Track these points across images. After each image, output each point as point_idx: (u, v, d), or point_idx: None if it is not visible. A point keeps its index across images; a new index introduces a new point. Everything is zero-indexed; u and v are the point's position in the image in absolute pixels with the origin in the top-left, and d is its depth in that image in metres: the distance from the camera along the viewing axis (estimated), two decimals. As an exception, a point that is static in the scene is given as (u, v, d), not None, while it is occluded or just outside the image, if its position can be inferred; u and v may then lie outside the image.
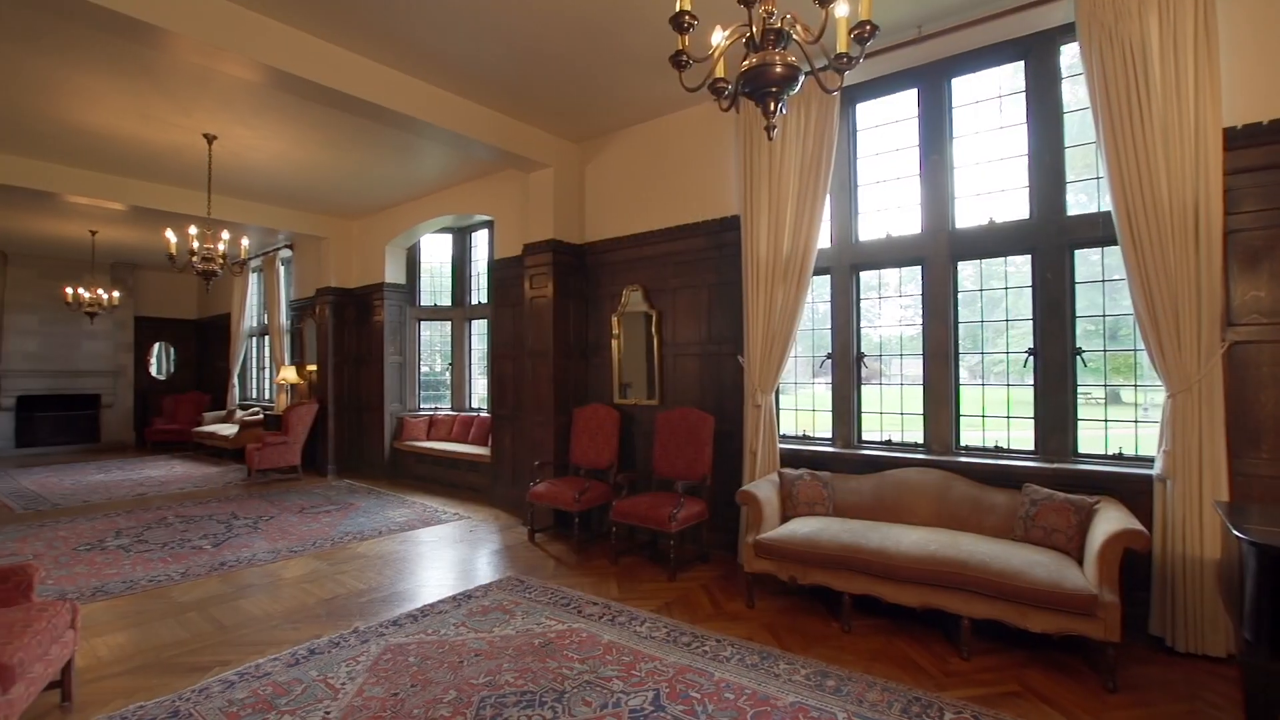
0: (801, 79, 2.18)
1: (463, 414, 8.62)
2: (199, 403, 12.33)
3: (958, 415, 4.41)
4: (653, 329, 5.69)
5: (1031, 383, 4.14)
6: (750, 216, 4.84)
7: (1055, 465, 3.88)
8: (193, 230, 5.96)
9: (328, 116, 5.61)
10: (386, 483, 8.45)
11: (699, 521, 4.84)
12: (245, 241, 6.47)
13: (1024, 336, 4.23)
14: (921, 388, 4.51)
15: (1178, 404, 3.35)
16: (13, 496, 7.61)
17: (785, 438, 5.10)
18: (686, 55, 2.25)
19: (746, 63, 2.14)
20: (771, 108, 2.15)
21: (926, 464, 4.26)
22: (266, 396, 11.81)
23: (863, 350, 4.84)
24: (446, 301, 9.13)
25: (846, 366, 4.83)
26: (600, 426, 5.84)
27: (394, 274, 8.86)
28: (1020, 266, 4.29)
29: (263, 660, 3.32)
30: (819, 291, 5.08)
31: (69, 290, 9.57)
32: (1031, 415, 4.13)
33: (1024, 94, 4.18)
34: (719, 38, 2.30)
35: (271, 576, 4.71)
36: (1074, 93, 4.07)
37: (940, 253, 4.42)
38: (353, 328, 9.21)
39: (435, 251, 9.32)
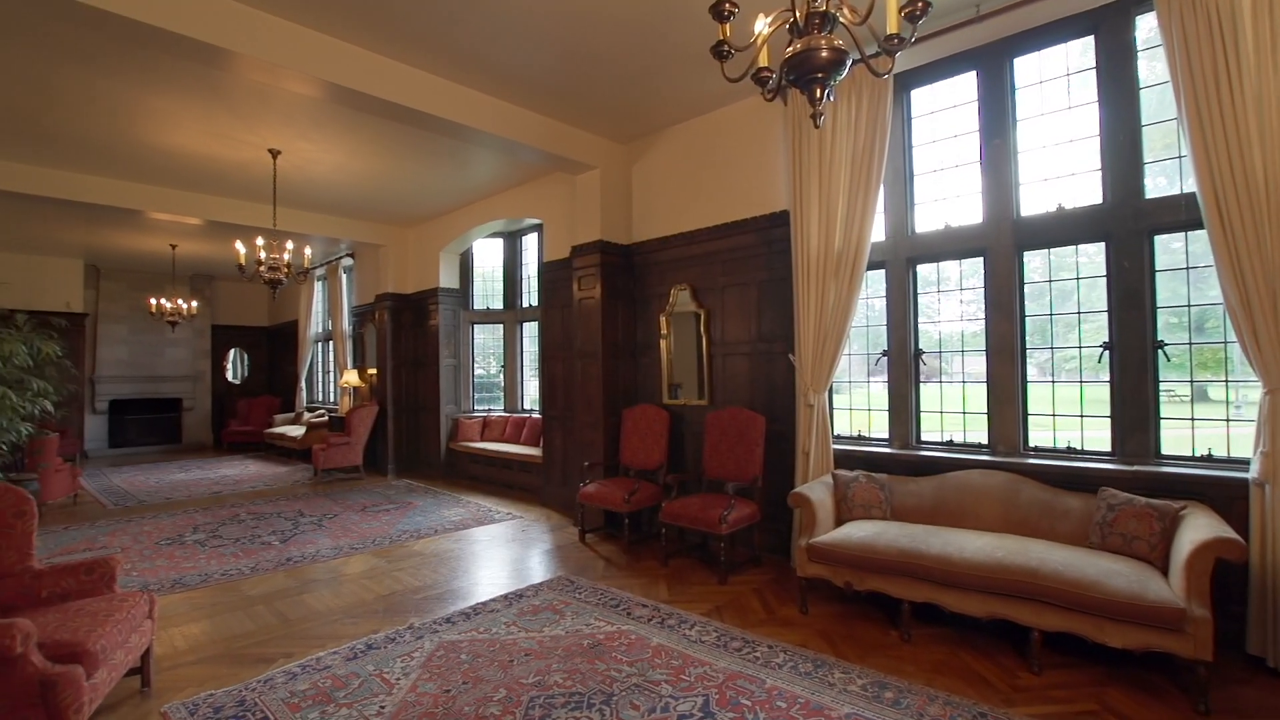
0: (849, 63, 2.09)
1: (515, 415, 8.76)
2: (270, 406, 12.97)
3: (1025, 414, 4.17)
4: (701, 328, 5.62)
5: (1107, 379, 3.87)
6: (800, 211, 4.72)
7: (1135, 467, 3.61)
8: (259, 241, 6.26)
9: (383, 128, 5.79)
10: (443, 482, 8.66)
11: (750, 524, 4.74)
12: (308, 250, 6.74)
13: (1098, 330, 3.96)
14: (985, 385, 4.29)
15: (1277, 401, 3.06)
16: (105, 493, 8.18)
17: (839, 438, 4.94)
18: (728, 45, 2.19)
19: (791, 49, 2.07)
20: (818, 94, 2.07)
21: (991, 466, 4.04)
22: (331, 399, 12.32)
23: (921, 347, 4.64)
24: (499, 305, 9.30)
25: (903, 364, 4.64)
26: (649, 427, 5.81)
27: (448, 279, 9.08)
28: (1093, 255, 4.02)
29: (323, 654, 3.43)
30: (873, 287, 4.91)
31: (153, 301, 10.23)
32: (1108, 414, 3.86)
33: (1094, 71, 3.92)
34: (762, 25, 2.23)
35: (334, 572, 4.89)
36: (1150, 67, 3.79)
37: (1004, 243, 4.19)
38: (410, 332, 9.50)
39: (487, 256, 9.51)
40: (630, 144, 6.35)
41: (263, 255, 6.42)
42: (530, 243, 8.92)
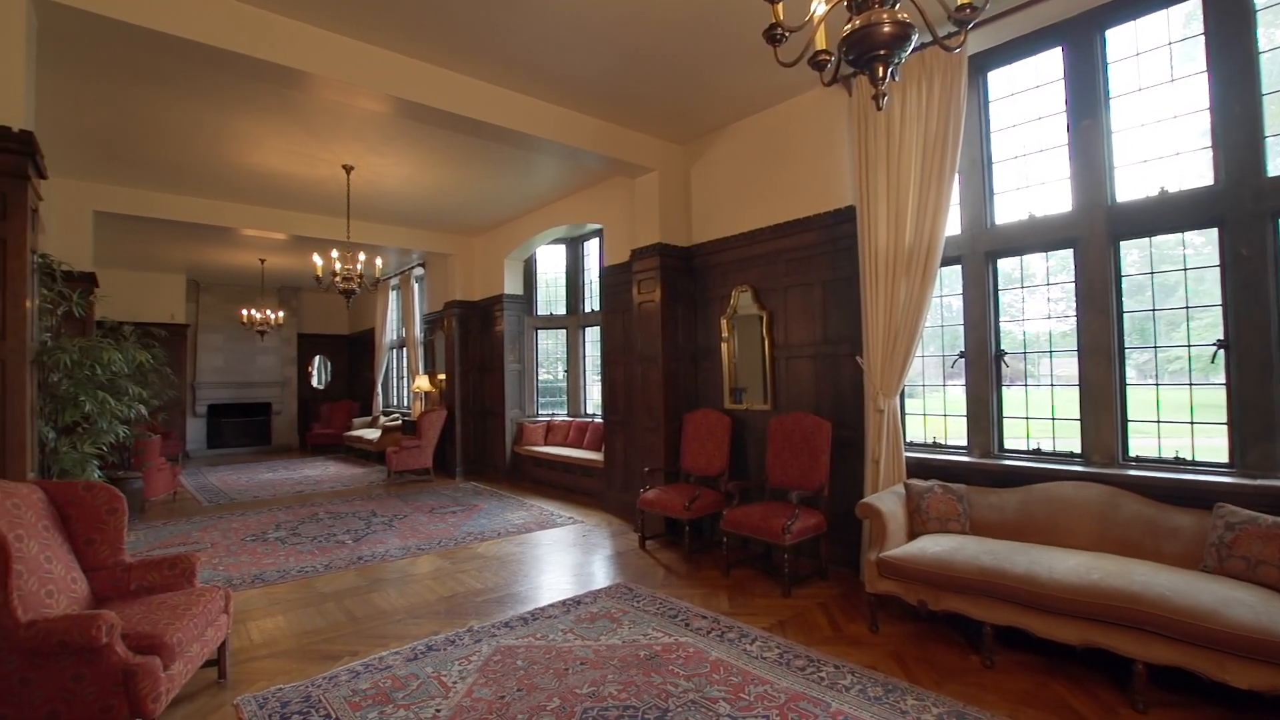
0: (914, 39, 1.92)
1: (578, 420, 8.80)
2: (349, 410, 13.62)
3: (1124, 420, 3.78)
4: (764, 330, 5.44)
5: (1222, 381, 3.45)
6: (867, 206, 4.48)
7: (1259, 481, 3.19)
8: (334, 253, 6.54)
9: (448, 140, 5.94)
10: (507, 485, 8.80)
11: (815, 535, 4.53)
12: (379, 261, 7.03)
13: (1210, 327, 3.54)
14: (1077, 389, 3.92)
15: None
16: (201, 491, 8.78)
17: (912, 445, 4.66)
18: (782, 28, 2.07)
19: (849, 25, 1.92)
20: (880, 74, 1.91)
21: (1085, 477, 3.68)
22: (405, 404, 12.80)
23: (1003, 348, 4.31)
24: (562, 310, 9.40)
25: (983, 366, 4.32)
26: (711, 432, 5.68)
27: (512, 285, 9.25)
28: (1200, 246, 3.61)
29: (385, 653, 3.50)
30: (948, 283, 4.60)
31: (244, 312, 10.94)
32: (1224, 420, 3.44)
33: (1202, 37, 3.51)
34: (818, 5, 2.09)
35: (400, 572, 5.01)
36: (1268, 34, 3.36)
37: (1097, 232, 3.82)
38: (476, 338, 9.74)
39: (550, 262, 9.63)
40: (688, 145, 6.26)
41: (337, 266, 6.72)
42: (592, 248, 8.97)
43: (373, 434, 11.38)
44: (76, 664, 2.44)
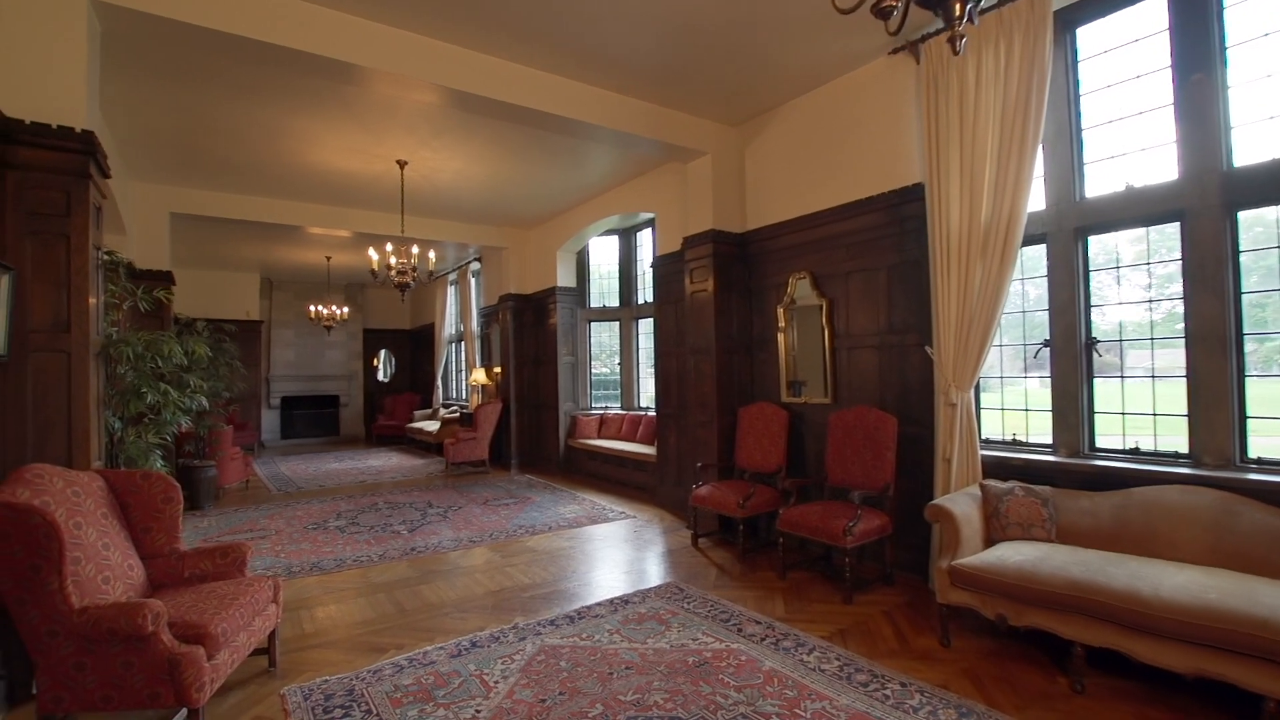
0: (998, -31, 1.64)
1: (631, 413, 8.67)
2: (411, 402, 13.99)
3: (1243, 418, 3.31)
4: (823, 320, 5.14)
5: (1372, 372, 2.95)
6: (937, 182, 4.12)
7: None
8: (388, 247, 6.63)
9: (499, 131, 5.88)
10: (561, 478, 8.77)
11: (880, 537, 4.22)
12: (432, 255, 7.07)
13: (1355, 309, 3.04)
14: (1185, 382, 3.47)
15: None
16: (272, 479, 9.16)
17: (988, 443, 4.27)
18: (839, -30, 1.83)
19: (919, -42, 1.67)
20: (957, 11, 1.65)
21: (1194, 481, 3.24)
22: (464, 396, 13.03)
23: (1094, 335, 3.87)
24: (615, 302, 9.28)
25: (1071, 356, 3.89)
26: (767, 427, 5.42)
27: (565, 278, 9.20)
28: (1346, 212, 3.10)
29: (430, 648, 3.45)
30: (1030, 264, 4.19)
31: (311, 308, 11.35)
32: (1373, 418, 2.94)
33: (1349, -30, 3.00)
34: (882, -59, 1.83)
35: (450, 565, 5.01)
36: None
37: (1209, 202, 3.35)
38: (530, 331, 9.75)
39: (603, 254, 9.52)
40: (742, 126, 5.98)
41: (393, 261, 6.81)
42: (645, 239, 8.81)
43: (432, 426, 11.62)
44: (126, 651, 2.47)
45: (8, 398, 3.08)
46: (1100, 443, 3.85)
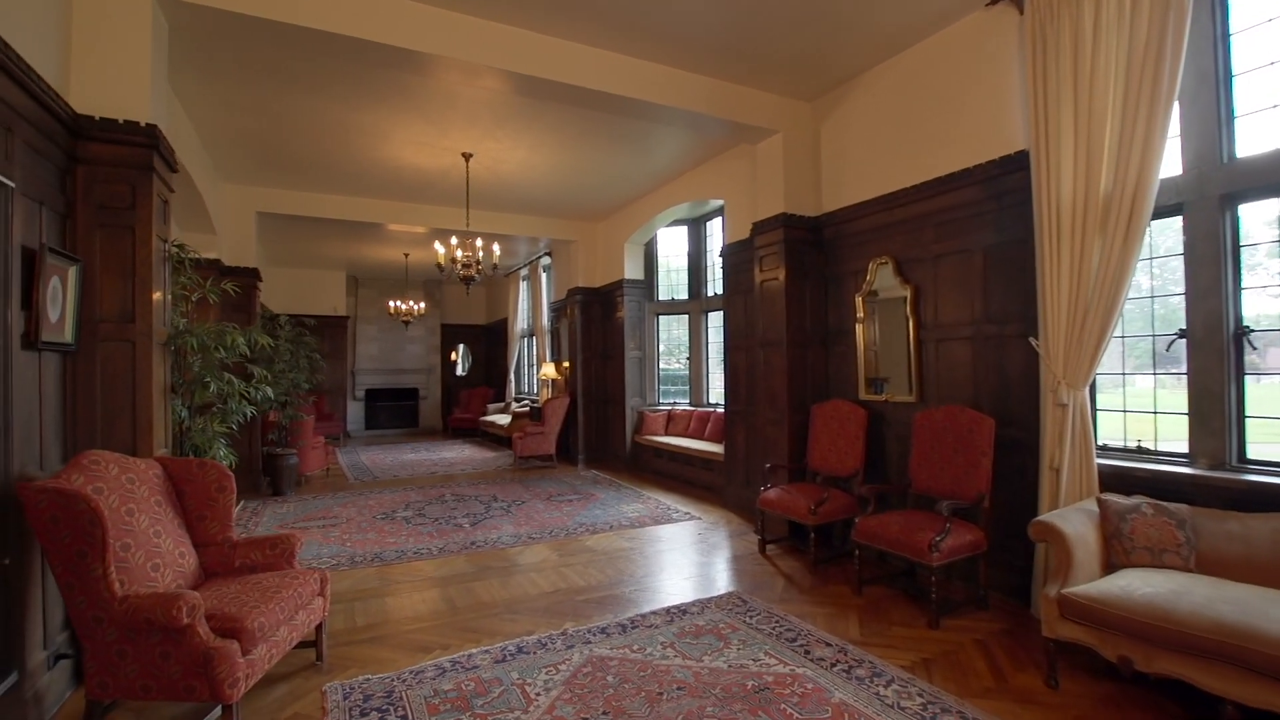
0: None
1: (699, 409, 8.36)
2: (485, 396, 14.25)
3: None
4: (908, 309, 4.64)
5: None
6: (1045, 149, 3.57)
7: None
8: (453, 241, 6.63)
9: (562, 117, 5.73)
10: (627, 475, 8.58)
11: (972, 554, 3.72)
12: (496, 248, 7.02)
13: None
14: (1374, 379, 2.80)
15: None
16: (352, 468, 9.50)
17: (1106, 450, 3.69)
18: None
19: None
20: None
21: (1391, 504, 2.59)
22: (535, 391, 13.12)
23: (1246, 325, 3.22)
24: (683, 295, 8.99)
25: (1214, 349, 3.26)
26: (842, 427, 4.98)
27: (633, 270, 8.99)
28: None
29: (475, 651, 3.31)
30: (1161, 240, 3.56)
31: (390, 304, 11.73)
32: None
33: None
34: None
35: (507, 561, 4.89)
36: None
37: None
38: (598, 324, 9.61)
39: (671, 245, 9.25)
40: (817, 100, 5.53)
41: (459, 254, 6.82)
42: (714, 229, 8.45)
43: (504, 419, 11.75)
44: (164, 642, 2.44)
45: (79, 386, 3.17)
46: (1254, 453, 3.20)
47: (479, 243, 6.78)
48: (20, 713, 2.57)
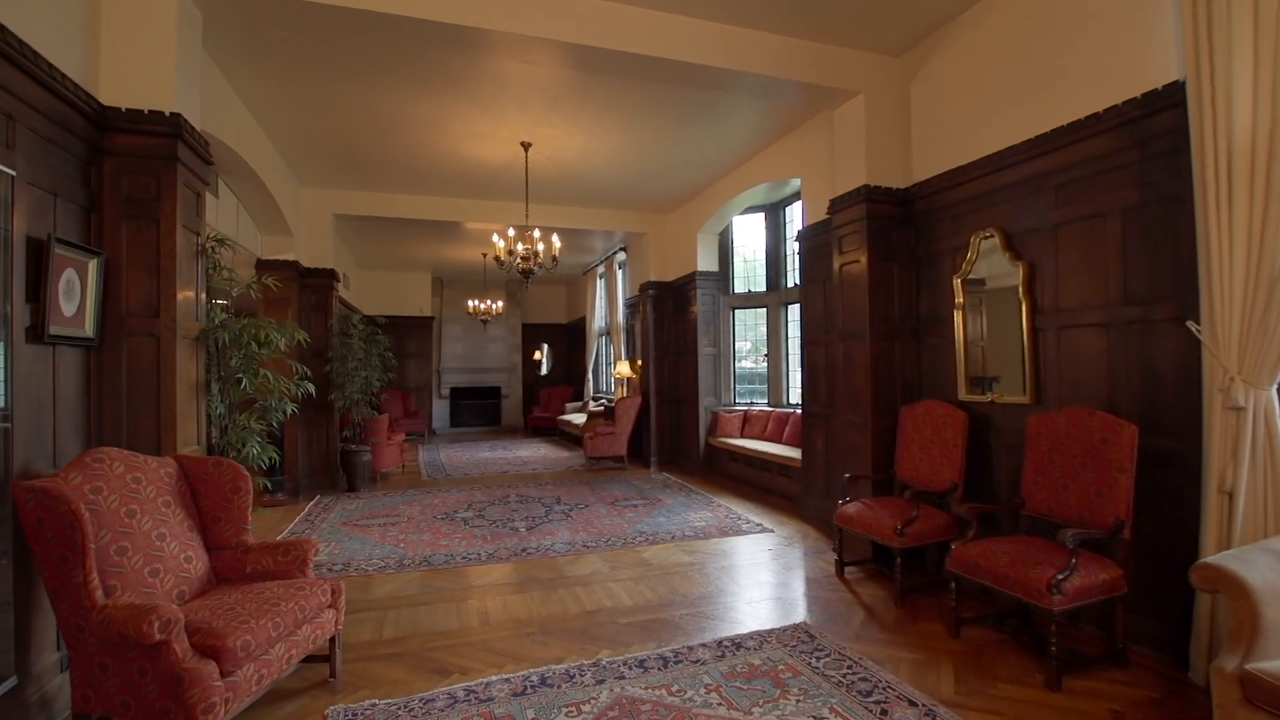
0: None
1: (778, 410, 7.69)
2: (564, 395, 14.16)
3: None
4: (1021, 291, 3.84)
5: None
6: (1210, 75, 2.74)
7: None
8: (510, 232, 6.41)
9: (615, 96, 5.33)
10: (699, 479, 8.06)
11: (1107, 597, 2.93)
12: (555, 240, 6.71)
13: None
14: None
15: None
16: (428, 465, 9.60)
17: (1303, 469, 2.78)
18: None
19: None
20: None
21: None
22: (612, 390, 12.85)
23: None
24: (761, 286, 8.34)
25: None
26: (937, 432, 4.23)
27: (706, 262, 8.45)
28: None
29: (495, 678, 2.95)
30: (1391, 188, 2.63)
31: (469, 303, 11.84)
32: None
33: None
34: None
35: (554, 572, 4.54)
36: None
37: None
38: (671, 320, 9.15)
39: (747, 234, 8.64)
40: (905, 55, 4.78)
41: (520, 247, 6.59)
42: (794, 214, 7.75)
43: (580, 418, 11.55)
44: (141, 657, 2.25)
45: (104, 381, 3.11)
46: None
47: (537, 234, 6.49)
48: (22, 717, 2.47)
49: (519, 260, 6.51)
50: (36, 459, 2.66)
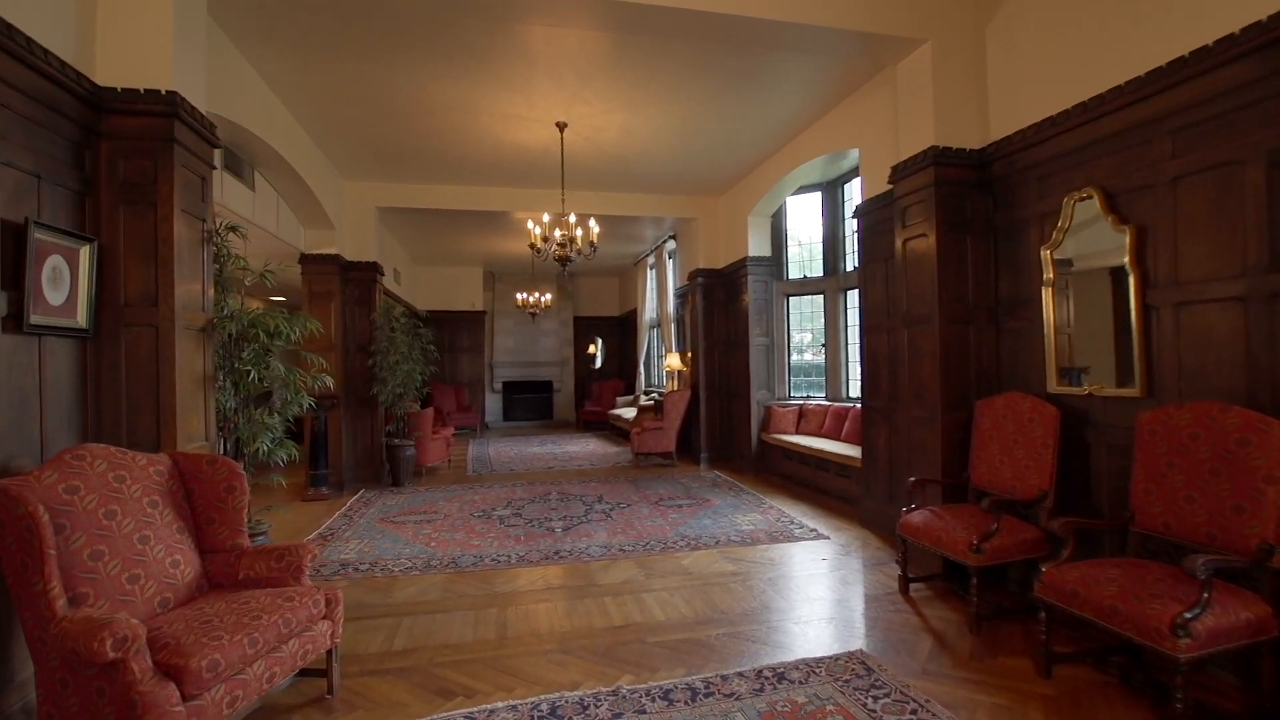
0: None
1: (836, 404, 7.10)
2: (616, 389, 13.88)
3: None
4: (1127, 260, 3.19)
5: None
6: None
7: None
8: (546, 218, 6.11)
9: (658, 67, 4.92)
10: (751, 478, 7.57)
11: (1250, 642, 2.32)
12: (594, 224, 6.35)
13: None
14: None
15: None
16: (476, 460, 9.49)
17: None
18: None
19: None
20: None
21: None
22: (663, 383, 12.45)
23: None
24: (817, 272, 7.74)
25: None
26: (1021, 430, 3.63)
27: (758, 246, 7.91)
28: None
29: (500, 705, 2.63)
30: None
31: (518, 296, 11.68)
32: None
33: None
34: None
35: (584, 579, 4.21)
36: None
37: None
38: (721, 309, 8.66)
39: (802, 215, 8.04)
40: (983, -7, 4.16)
41: (558, 234, 6.28)
42: (853, 191, 7.10)
43: (630, 413, 11.22)
44: (98, 677, 2.03)
45: (102, 374, 2.98)
46: None
47: (573, 218, 6.16)
48: (2, 730, 2.33)
49: (555, 247, 6.20)
50: (19, 455, 2.52)
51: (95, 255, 2.90)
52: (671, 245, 10.57)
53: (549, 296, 11.77)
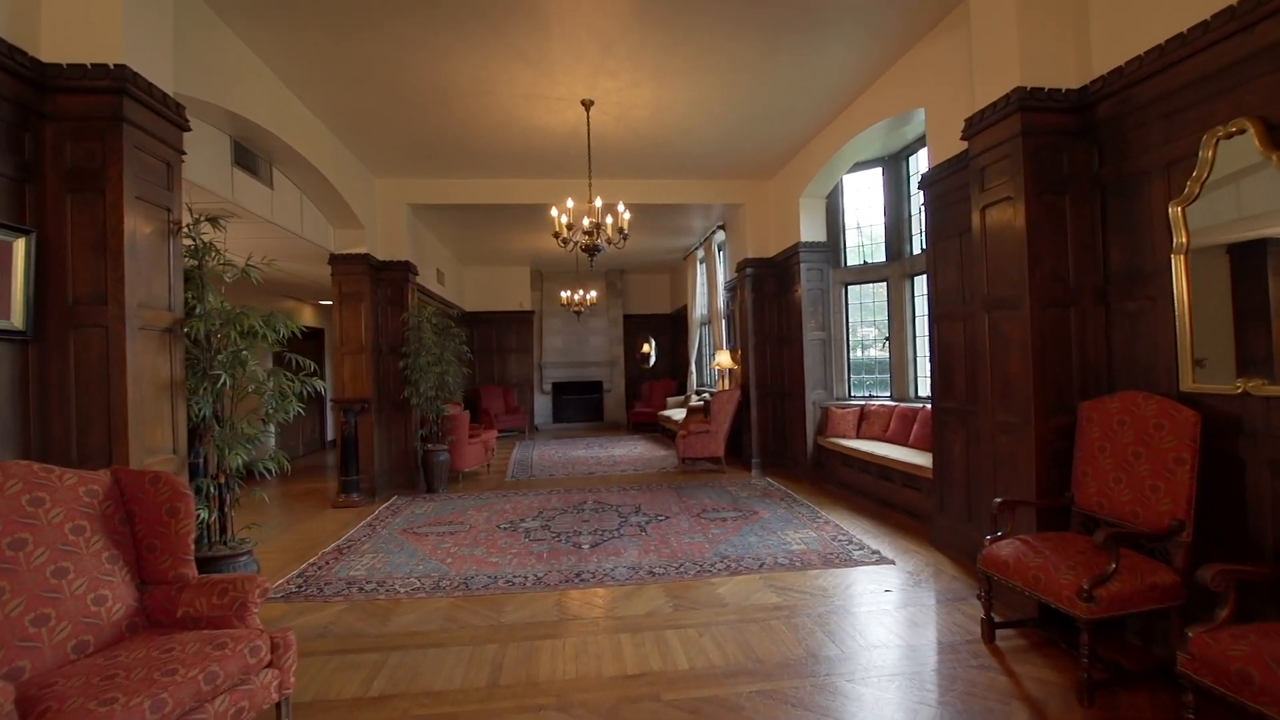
0: None
1: (902, 405, 6.29)
2: (667, 389, 13.31)
3: None
4: (1290, 218, 2.38)
5: None
6: None
7: None
8: (569, 204, 5.62)
9: (689, 24, 4.34)
10: (807, 486, 6.85)
11: None
12: (623, 209, 5.80)
13: None
14: None
15: None
16: (518, 464, 9.14)
17: None
18: None
19: None
20: None
21: None
22: (714, 382, 11.78)
23: None
24: (880, 257, 6.93)
25: None
26: (1146, 441, 2.84)
27: (811, 231, 7.17)
28: None
29: (468, 785, 2.13)
30: None
31: (562, 294, 11.29)
32: None
33: None
34: None
35: (604, 609, 3.69)
36: None
37: None
38: (772, 302, 7.95)
39: (861, 194, 7.24)
40: (1082, -106, 3.35)
41: (586, 222, 5.79)
42: (919, 164, 6.27)
43: (679, 414, 10.64)
44: (-45, 754, 1.66)
45: (49, 381, 2.68)
46: None
47: (599, 203, 5.64)
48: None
49: (581, 235, 5.71)
50: (-70, 475, 2.21)
51: (33, 248, 2.60)
52: (720, 237, 9.92)
53: (594, 294, 11.34)
